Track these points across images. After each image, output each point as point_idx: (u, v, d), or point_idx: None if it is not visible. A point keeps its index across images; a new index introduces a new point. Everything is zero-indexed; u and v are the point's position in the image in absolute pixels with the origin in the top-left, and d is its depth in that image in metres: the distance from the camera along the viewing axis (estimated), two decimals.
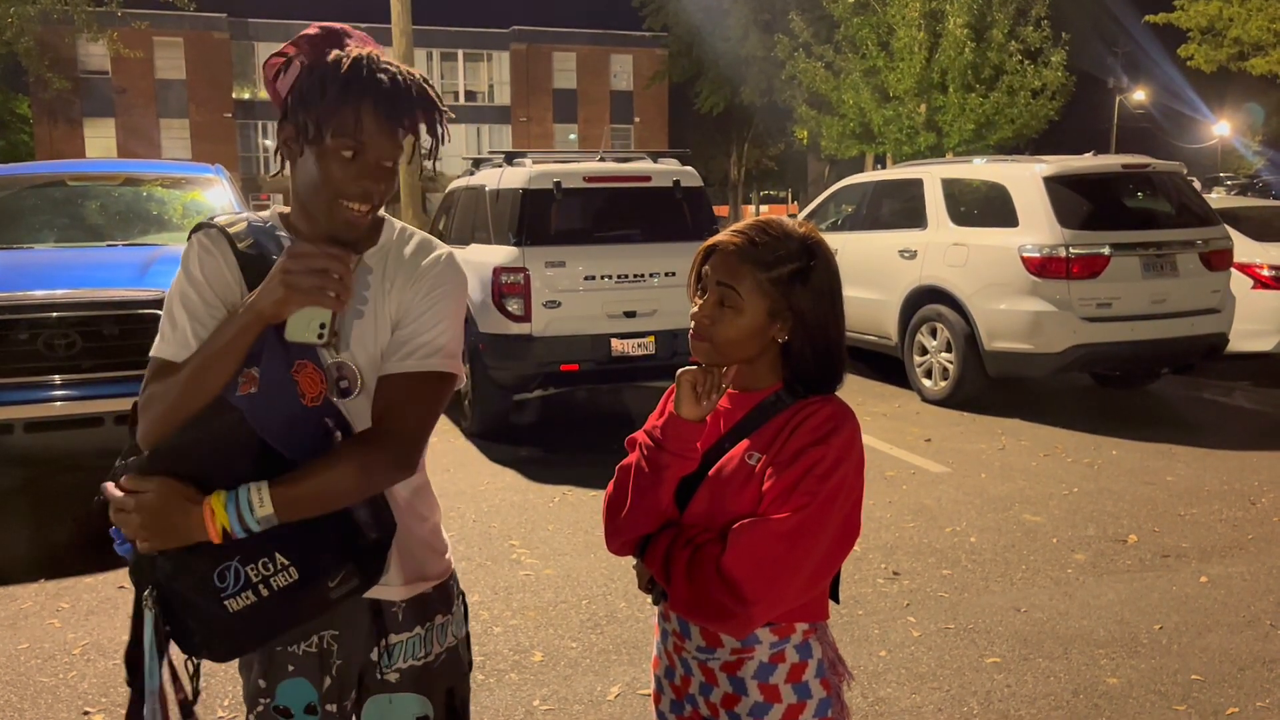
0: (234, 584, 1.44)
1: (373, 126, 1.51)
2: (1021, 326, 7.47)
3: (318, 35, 1.57)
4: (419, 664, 1.72)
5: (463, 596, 1.86)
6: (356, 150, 1.52)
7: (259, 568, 1.44)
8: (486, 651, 3.80)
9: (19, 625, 4.05)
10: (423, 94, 1.55)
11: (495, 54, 52.33)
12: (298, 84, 1.53)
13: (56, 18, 21.34)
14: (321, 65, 1.52)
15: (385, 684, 1.70)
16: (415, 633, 1.71)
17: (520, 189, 6.92)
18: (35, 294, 4.89)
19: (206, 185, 6.77)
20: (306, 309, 1.46)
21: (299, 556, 1.46)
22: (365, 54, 1.53)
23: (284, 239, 1.60)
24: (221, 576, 1.44)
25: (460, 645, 1.81)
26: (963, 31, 19.85)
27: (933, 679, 3.57)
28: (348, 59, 1.51)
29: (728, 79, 34.97)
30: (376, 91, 1.50)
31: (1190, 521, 5.24)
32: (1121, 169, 8.03)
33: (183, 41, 45.99)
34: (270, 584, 1.45)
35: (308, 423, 1.48)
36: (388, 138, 1.54)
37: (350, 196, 1.55)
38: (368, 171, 1.54)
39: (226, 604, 1.44)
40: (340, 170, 1.53)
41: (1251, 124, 38.59)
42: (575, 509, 5.54)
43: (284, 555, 1.45)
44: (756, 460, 1.57)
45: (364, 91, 1.50)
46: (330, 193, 1.54)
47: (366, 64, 1.51)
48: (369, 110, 1.50)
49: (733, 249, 1.59)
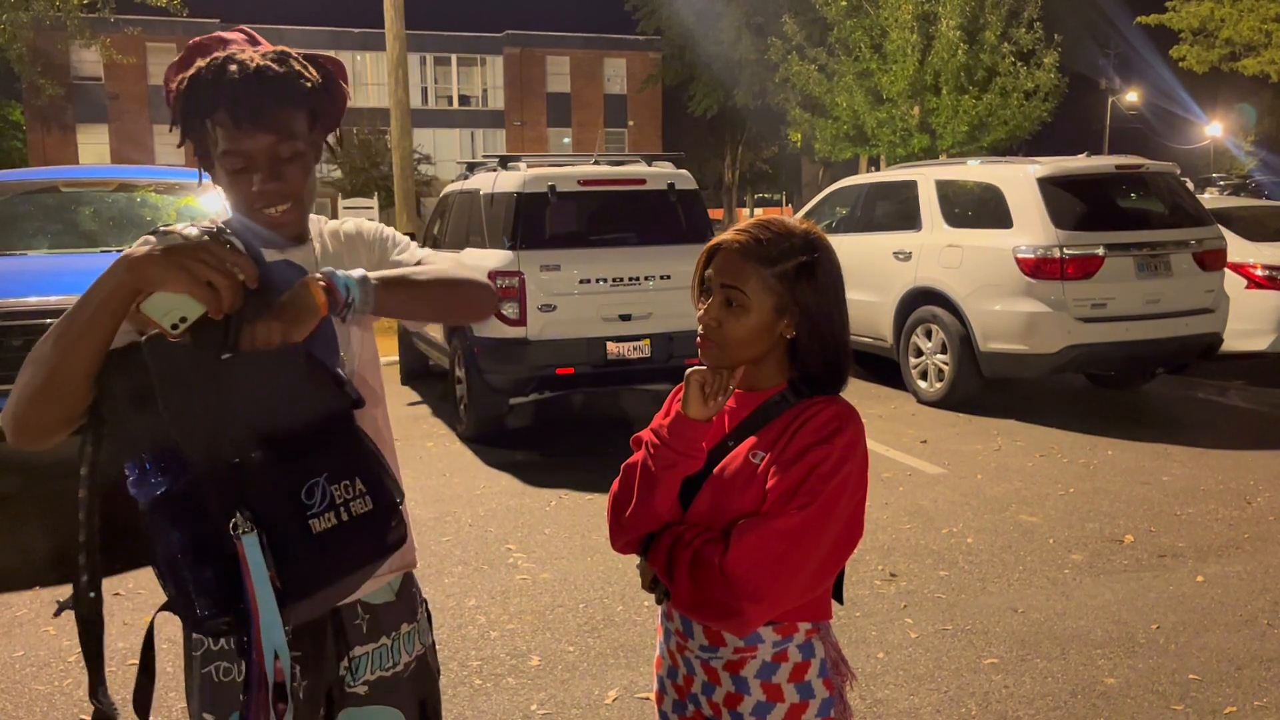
0: (320, 502, 1.37)
1: (238, 133, 1.48)
2: (1016, 327, 7.48)
3: (182, 57, 1.55)
4: (388, 675, 1.67)
5: (425, 604, 1.82)
6: (245, 162, 1.50)
7: (342, 489, 1.39)
8: (484, 656, 3.79)
9: (14, 633, 4.04)
10: (275, 77, 1.49)
11: (489, 58, 52.33)
12: (173, 113, 1.53)
13: (49, 24, 21.27)
14: (179, 89, 1.50)
15: (354, 697, 1.65)
16: (380, 643, 1.67)
17: (515, 193, 6.91)
18: (29, 300, 4.87)
19: (200, 191, 6.76)
20: (182, 296, 1.30)
21: (372, 487, 1.44)
22: (209, 62, 1.48)
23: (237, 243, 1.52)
24: (310, 493, 1.37)
25: (428, 653, 1.77)
26: (955, 34, 19.90)
27: (930, 680, 3.56)
28: (192, 74, 1.48)
29: (721, 82, 35.02)
30: (226, 97, 1.46)
31: (1186, 521, 5.25)
32: (1115, 170, 8.05)
33: (175, 47, 45.77)
34: (350, 508, 1.40)
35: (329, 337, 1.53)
36: (264, 135, 1.49)
37: (263, 204, 1.53)
38: (263, 175, 1.51)
39: (311, 523, 1.36)
40: (238, 182, 1.51)
41: (1244, 124, 38.73)
42: (572, 512, 5.53)
43: (363, 482, 1.43)
44: (760, 459, 1.57)
45: (215, 102, 1.47)
46: (244, 204, 1.54)
47: (211, 73, 1.47)
48: (225, 120, 1.47)
49: (736, 248, 1.59)
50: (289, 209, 1.56)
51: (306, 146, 1.55)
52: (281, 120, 1.50)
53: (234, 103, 1.46)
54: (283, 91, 1.49)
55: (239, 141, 1.48)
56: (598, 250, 7.04)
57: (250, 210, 1.54)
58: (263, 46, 1.56)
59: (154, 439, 1.35)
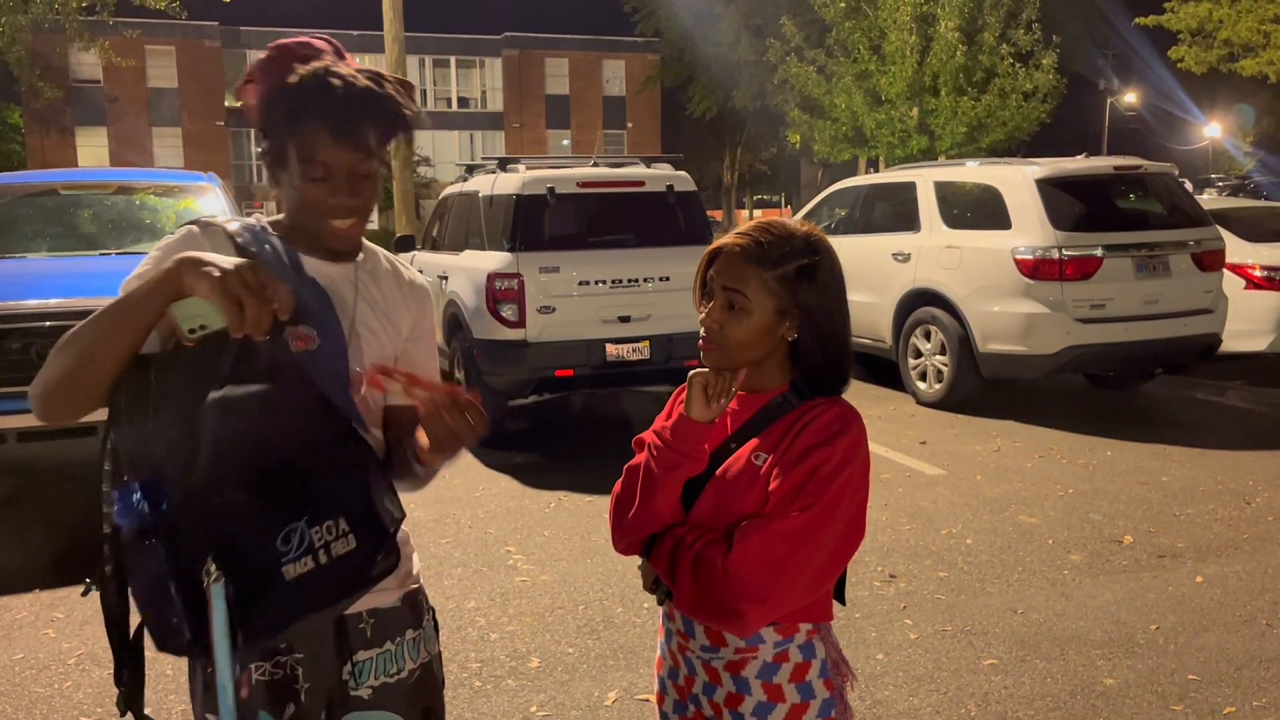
0: (297, 547, 1.38)
1: (332, 146, 1.51)
2: (1015, 328, 7.49)
3: (271, 57, 1.56)
4: (392, 681, 1.66)
5: (433, 612, 1.81)
6: (325, 172, 1.53)
7: (323, 531, 1.39)
8: (483, 658, 3.79)
9: (13, 635, 4.04)
10: (375, 99, 1.53)
11: (488, 60, 52.38)
12: (260, 115, 1.55)
13: (48, 26, 21.28)
14: (274, 92, 1.52)
15: (358, 700, 1.64)
16: (385, 649, 1.66)
17: (514, 195, 6.92)
18: (28, 303, 4.88)
19: (199, 193, 6.76)
20: (211, 306, 1.32)
21: (358, 524, 1.43)
22: (312, 72, 1.51)
23: (277, 245, 1.60)
24: (286, 539, 1.37)
25: (434, 662, 1.76)
26: (954, 35, 19.93)
27: (930, 681, 3.57)
28: (293, 82, 1.50)
29: (720, 83, 35.07)
30: (326, 111, 1.49)
31: (1185, 521, 5.25)
32: (1113, 171, 8.06)
33: (174, 50, 45.96)
34: (330, 550, 1.40)
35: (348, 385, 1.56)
36: (351, 152, 1.53)
37: (333, 215, 1.57)
38: (342, 189, 1.54)
39: (285, 570, 1.36)
40: (315, 192, 1.54)
41: (1242, 125, 38.73)
42: (571, 514, 5.53)
43: (348, 520, 1.42)
44: (763, 461, 1.58)
45: (314, 114, 1.49)
46: (314, 214, 1.56)
47: (313, 83, 1.49)
48: (323, 131, 1.50)
49: (737, 251, 1.60)
50: (354, 224, 1.60)
51: (380, 165, 1.60)
52: (371, 140, 1.54)
53: (334, 117, 1.49)
54: (378, 113, 1.53)
55: (328, 153, 1.51)
56: (597, 252, 7.04)
57: (318, 217, 1.57)
58: (350, 61, 1.59)
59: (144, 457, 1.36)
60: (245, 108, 1.59)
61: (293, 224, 1.62)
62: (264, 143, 1.56)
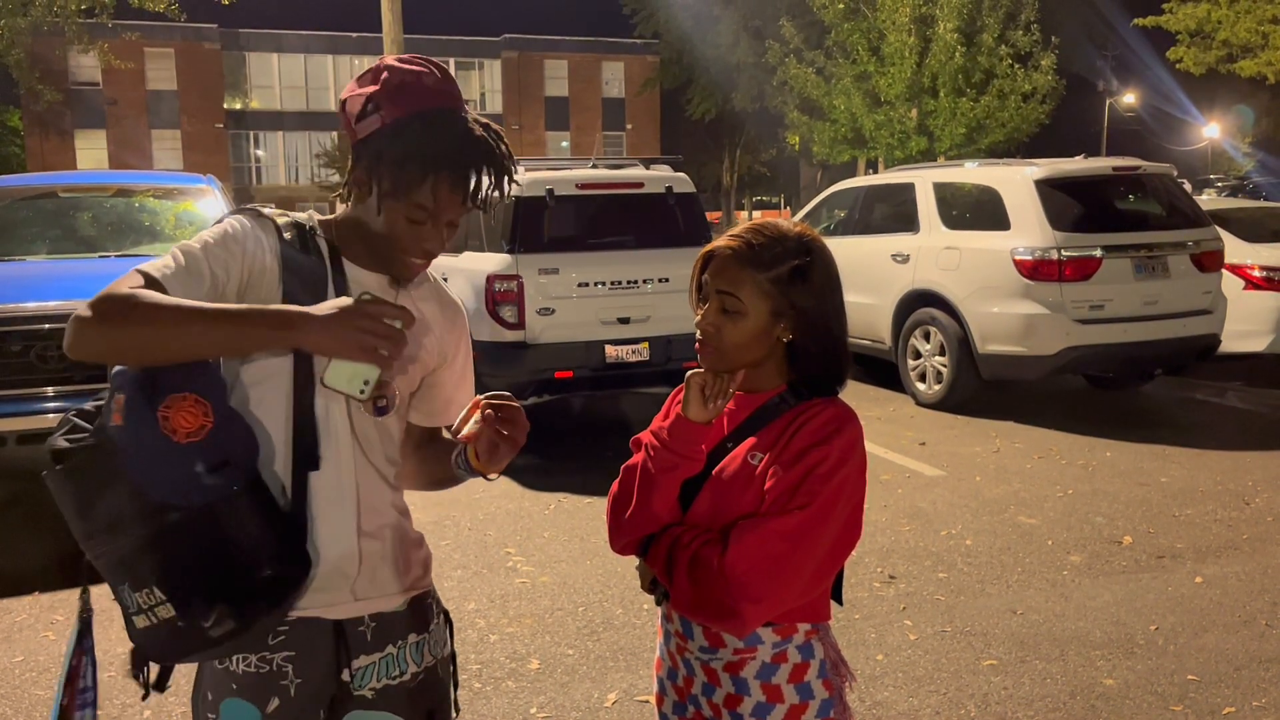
0: (132, 605, 1.44)
1: (447, 197, 1.53)
2: (1014, 329, 7.49)
3: (407, 83, 1.54)
4: (394, 683, 1.65)
5: (445, 615, 1.80)
6: (428, 217, 1.54)
7: (144, 596, 1.43)
8: (483, 660, 3.79)
9: (13, 638, 4.04)
10: (491, 155, 1.55)
11: (487, 62, 52.40)
12: (378, 138, 1.52)
13: (47, 29, 21.30)
14: (405, 129, 1.51)
15: (362, 700, 1.63)
16: (387, 652, 1.65)
17: (513, 196, 6.92)
18: (28, 305, 4.88)
19: (198, 196, 6.77)
20: (356, 363, 1.42)
21: (173, 593, 1.42)
22: (449, 115, 1.53)
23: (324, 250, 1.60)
24: (122, 596, 1.45)
25: (440, 665, 1.74)
26: (953, 36, 19.95)
27: (930, 682, 3.57)
28: (432, 127, 1.51)
29: (719, 85, 35.10)
30: (455, 162, 1.51)
31: (1185, 522, 5.26)
32: (1112, 171, 8.06)
33: (174, 52, 45.96)
34: (155, 613, 1.43)
35: (179, 460, 1.40)
36: (460, 204, 1.55)
37: (418, 256, 1.59)
38: (436, 234, 1.57)
39: (134, 620, 1.45)
40: (409, 231, 1.55)
41: (1241, 126, 38.76)
42: (571, 516, 5.53)
43: (161, 589, 1.42)
44: (759, 460, 1.58)
45: (443, 165, 1.50)
46: (397, 245, 1.57)
47: (447, 129, 1.51)
48: (445, 181, 1.51)
49: (730, 253, 1.60)
50: (428, 263, 1.63)
51: None
52: (479, 194, 1.56)
53: (460, 169, 1.52)
54: (492, 168, 1.56)
55: (441, 202, 1.53)
56: (596, 254, 7.04)
57: (402, 252, 1.58)
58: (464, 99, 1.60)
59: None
60: (350, 110, 1.56)
61: (358, 235, 1.61)
62: (366, 162, 1.54)
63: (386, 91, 1.53)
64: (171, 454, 1.39)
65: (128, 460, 1.40)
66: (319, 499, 1.55)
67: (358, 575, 1.59)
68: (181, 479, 1.40)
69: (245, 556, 1.45)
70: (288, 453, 1.53)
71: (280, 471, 1.53)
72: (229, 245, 1.52)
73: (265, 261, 1.54)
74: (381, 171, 1.52)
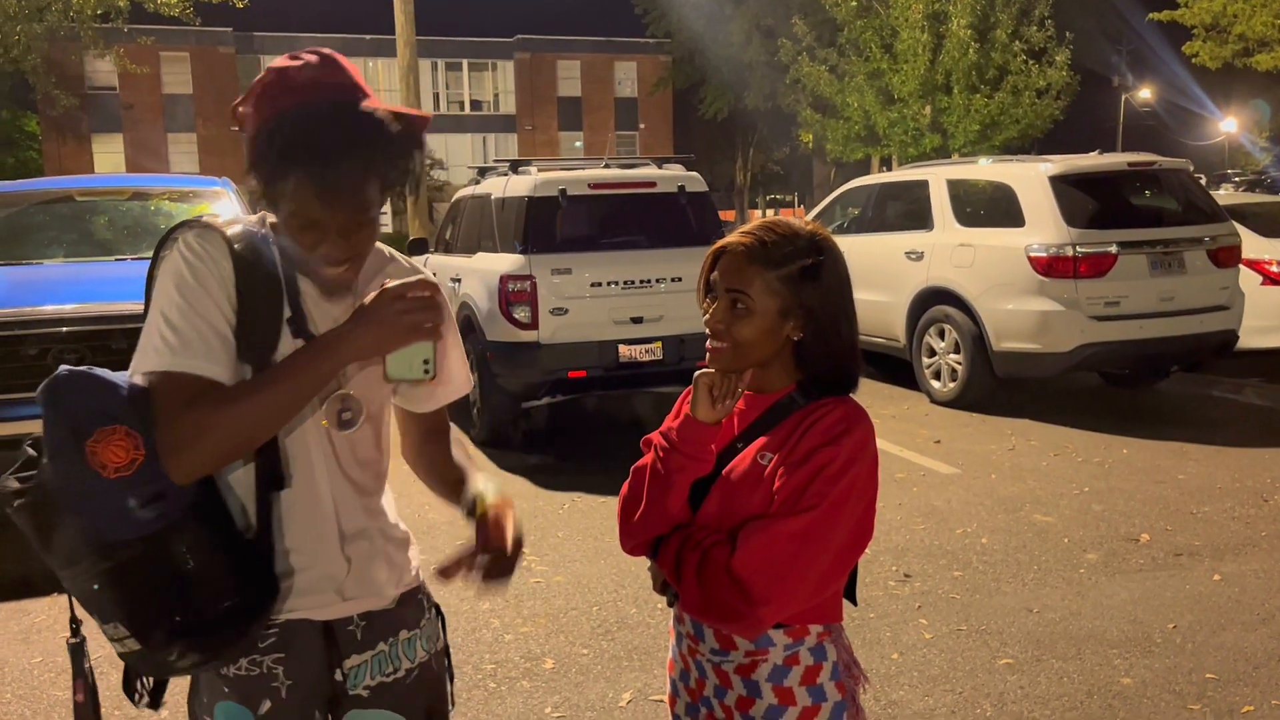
0: (106, 634, 1.46)
1: (327, 199, 1.40)
2: (1029, 326, 7.45)
3: (268, 86, 1.45)
4: (389, 680, 1.64)
5: (436, 609, 1.77)
6: (313, 224, 1.43)
7: (110, 629, 1.44)
8: (498, 659, 3.80)
9: (32, 640, 4.07)
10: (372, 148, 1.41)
11: (500, 63, 52.47)
12: (253, 145, 1.43)
13: (63, 34, 21.46)
14: (265, 130, 1.41)
15: (358, 699, 1.63)
16: (378, 650, 1.64)
17: (526, 197, 6.93)
18: (44, 309, 4.91)
19: (214, 198, 6.80)
20: (407, 347, 1.43)
21: (134, 629, 1.43)
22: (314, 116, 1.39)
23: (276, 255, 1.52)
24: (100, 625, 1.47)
25: (434, 659, 1.72)
26: (966, 33, 19.83)
27: (945, 681, 3.55)
28: (297, 126, 1.38)
29: (731, 84, 34.98)
30: (314, 158, 1.37)
31: (1202, 519, 5.22)
32: (1127, 167, 8.02)
33: (189, 56, 46.18)
34: (125, 644, 1.44)
35: (109, 496, 1.36)
36: (346, 205, 1.42)
37: (325, 263, 1.48)
38: (333, 234, 1.44)
39: (115, 644, 1.47)
40: (305, 239, 1.45)
41: (1258, 120, 38.41)
42: (585, 515, 5.54)
43: (124, 625, 1.43)
44: (768, 461, 1.57)
45: (305, 161, 1.37)
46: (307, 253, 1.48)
47: (312, 132, 1.38)
48: (308, 185, 1.38)
49: (741, 251, 1.59)
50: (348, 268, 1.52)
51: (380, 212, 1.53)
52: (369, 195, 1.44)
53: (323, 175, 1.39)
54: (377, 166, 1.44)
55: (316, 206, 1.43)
56: (609, 253, 7.04)
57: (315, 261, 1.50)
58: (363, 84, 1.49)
59: None
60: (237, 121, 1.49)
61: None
62: (250, 171, 1.44)
63: (256, 94, 1.45)
64: (100, 490, 1.36)
65: (61, 498, 1.38)
66: (294, 515, 1.53)
67: (345, 578, 1.59)
68: (114, 514, 1.37)
69: (204, 588, 1.43)
70: (250, 474, 1.51)
71: (243, 495, 1.51)
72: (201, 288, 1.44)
73: (223, 275, 1.46)
74: (260, 183, 1.43)
